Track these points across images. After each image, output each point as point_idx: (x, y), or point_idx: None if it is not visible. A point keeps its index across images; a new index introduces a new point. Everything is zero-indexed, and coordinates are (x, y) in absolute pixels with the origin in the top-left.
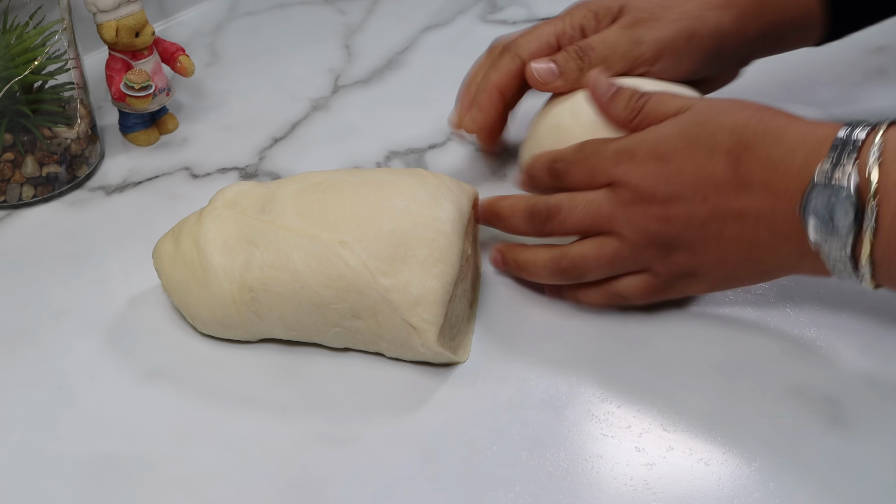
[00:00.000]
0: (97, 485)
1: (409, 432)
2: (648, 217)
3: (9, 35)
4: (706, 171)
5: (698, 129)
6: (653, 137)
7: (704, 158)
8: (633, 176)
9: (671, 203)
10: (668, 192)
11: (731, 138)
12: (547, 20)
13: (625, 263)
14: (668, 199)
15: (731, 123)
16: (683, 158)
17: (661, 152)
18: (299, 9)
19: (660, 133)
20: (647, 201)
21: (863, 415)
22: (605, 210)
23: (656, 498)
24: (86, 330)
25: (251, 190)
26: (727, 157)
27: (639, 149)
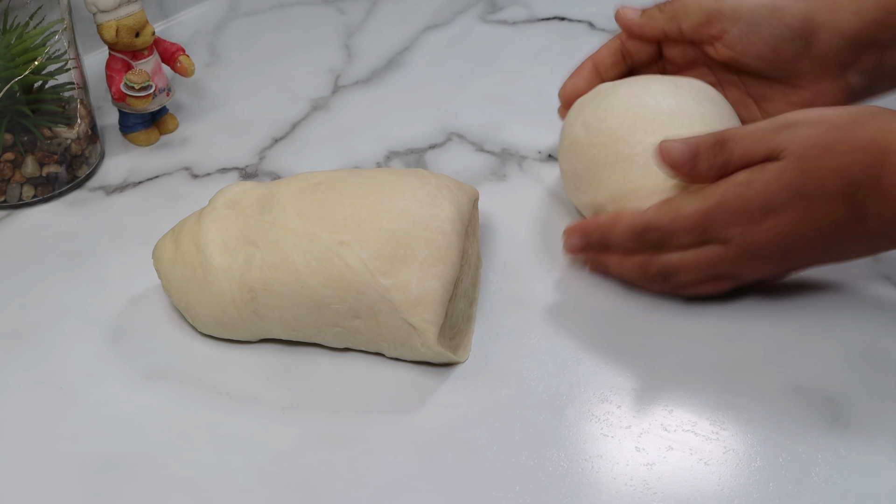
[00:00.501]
0: (97, 485)
1: (409, 432)
2: (769, 264)
3: (9, 35)
4: (825, 217)
5: (805, 178)
6: (759, 194)
7: (821, 206)
8: (754, 237)
9: (790, 252)
10: (789, 243)
11: (842, 181)
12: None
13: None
14: (788, 250)
15: (836, 167)
16: (800, 210)
17: (774, 207)
18: (299, 9)
19: (766, 189)
20: (768, 254)
21: (863, 415)
22: (724, 269)
23: (656, 498)
24: (86, 330)
25: (251, 190)
26: (842, 199)
27: (749, 208)
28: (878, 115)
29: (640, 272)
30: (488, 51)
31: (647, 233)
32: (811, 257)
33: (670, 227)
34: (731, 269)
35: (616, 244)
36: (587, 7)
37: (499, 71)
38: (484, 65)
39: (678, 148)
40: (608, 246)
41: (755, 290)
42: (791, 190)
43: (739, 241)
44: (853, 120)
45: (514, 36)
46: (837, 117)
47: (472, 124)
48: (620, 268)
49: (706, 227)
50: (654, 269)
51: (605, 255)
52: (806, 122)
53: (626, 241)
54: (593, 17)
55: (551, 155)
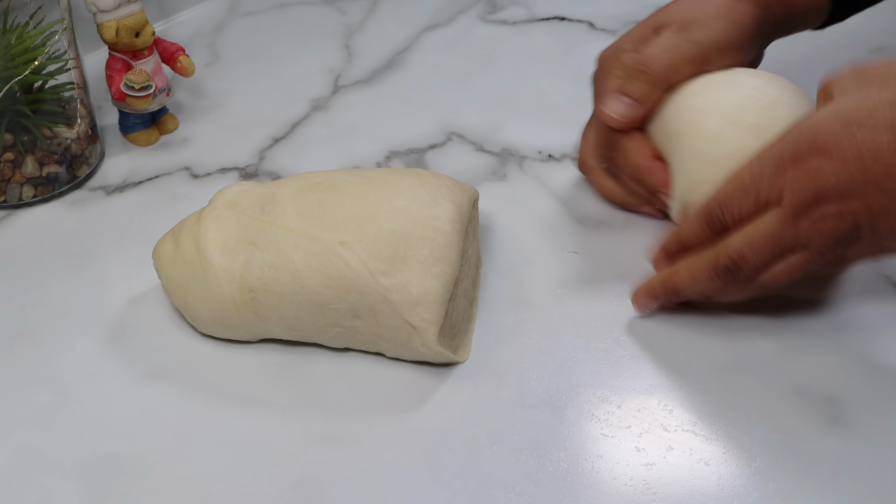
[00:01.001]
0: (97, 485)
1: (409, 432)
2: (829, 216)
3: (9, 35)
4: (870, 154)
5: (855, 107)
6: (807, 129)
7: (867, 139)
8: (801, 181)
9: (846, 197)
10: (840, 187)
11: (893, 113)
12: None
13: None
14: (841, 194)
15: (890, 97)
16: (845, 144)
17: (820, 143)
18: (299, 9)
19: (812, 122)
20: (822, 201)
21: (863, 415)
22: (786, 234)
23: (656, 498)
24: (86, 330)
25: (251, 190)
26: (890, 133)
27: (796, 147)
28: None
29: (713, 271)
30: (488, 51)
31: (711, 211)
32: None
33: (728, 193)
34: (793, 233)
35: (690, 239)
36: (587, 7)
37: (499, 71)
38: (484, 65)
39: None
40: (685, 246)
41: None
42: (838, 119)
43: (790, 190)
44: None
45: (514, 36)
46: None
47: (472, 124)
48: (692, 277)
49: (759, 182)
50: (724, 260)
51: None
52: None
53: (699, 231)
54: (593, 17)
55: (551, 155)
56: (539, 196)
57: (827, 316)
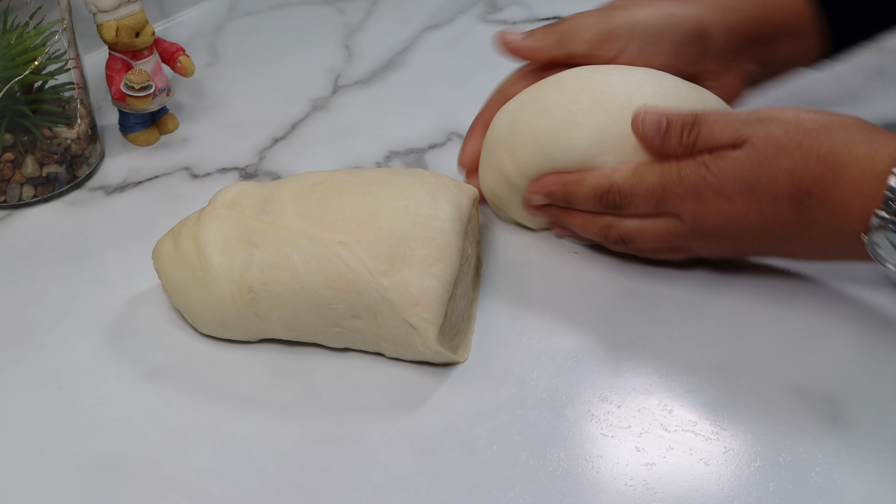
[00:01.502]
0: (97, 485)
1: (409, 432)
2: (722, 243)
3: (9, 35)
4: (771, 215)
5: (758, 173)
6: (714, 177)
7: (768, 203)
8: (704, 217)
9: (740, 239)
10: (737, 231)
11: (792, 185)
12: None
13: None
14: (737, 236)
15: (789, 168)
16: (748, 201)
17: (726, 193)
18: (299, 9)
19: (721, 173)
20: (718, 235)
21: (863, 415)
22: (677, 240)
23: (656, 498)
24: (86, 330)
25: (251, 190)
26: (790, 202)
27: (703, 189)
28: (849, 126)
29: (603, 234)
30: (488, 51)
31: (609, 194)
32: (762, 248)
33: (631, 191)
34: (685, 243)
35: (579, 203)
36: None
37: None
38: (484, 65)
39: (652, 119)
40: (571, 204)
41: (755, 290)
42: (742, 180)
43: (690, 217)
44: (821, 127)
45: None
46: (808, 121)
47: None
48: (584, 228)
49: (662, 199)
50: (615, 233)
51: (568, 216)
52: (776, 120)
53: (589, 202)
54: None
55: None
56: None
57: (827, 316)
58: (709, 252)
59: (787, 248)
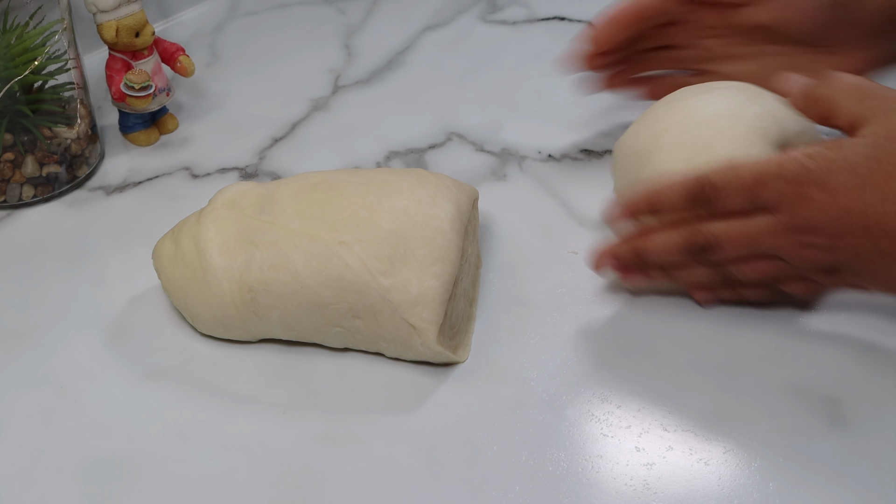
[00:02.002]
0: (97, 485)
1: (409, 432)
2: (815, 247)
3: (9, 35)
4: (877, 216)
5: (872, 167)
6: (820, 168)
7: (877, 203)
8: (800, 207)
9: (839, 238)
10: (837, 227)
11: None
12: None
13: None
14: (837, 234)
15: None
16: (854, 198)
17: (830, 184)
18: (299, 9)
19: (828, 165)
20: (814, 232)
21: (863, 415)
22: (769, 241)
23: (656, 498)
24: (86, 330)
25: (251, 190)
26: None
27: (804, 177)
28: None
29: (686, 244)
30: (488, 51)
31: (701, 190)
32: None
33: (725, 183)
34: (774, 244)
35: (666, 207)
36: (587, 7)
37: (499, 71)
38: (484, 65)
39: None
40: (657, 211)
41: None
42: (852, 173)
43: (787, 210)
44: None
45: (514, 36)
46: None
47: (472, 124)
48: (664, 244)
49: (759, 190)
50: (700, 239)
51: (646, 239)
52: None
53: (678, 202)
54: (593, 17)
55: (551, 155)
56: (539, 196)
57: (827, 316)
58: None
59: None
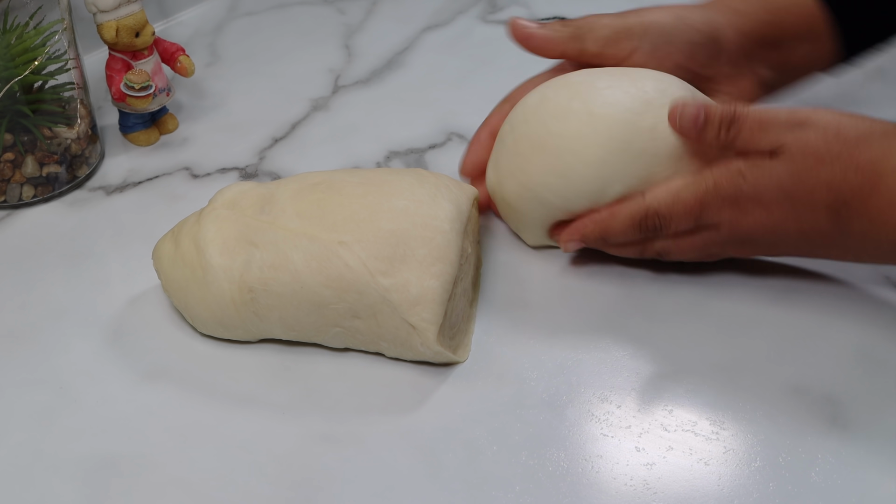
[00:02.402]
0: (97, 485)
1: (409, 432)
2: (756, 250)
3: (9, 35)
4: (808, 224)
5: (796, 183)
6: (751, 186)
7: (806, 213)
8: (742, 225)
9: (776, 245)
10: (773, 238)
11: (829, 195)
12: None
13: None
14: (773, 243)
15: (827, 180)
16: (785, 210)
17: (763, 202)
18: (299, 9)
19: (758, 182)
20: (754, 244)
21: (863, 415)
22: (714, 250)
23: (656, 498)
24: (86, 330)
25: (250, 190)
26: (827, 212)
27: (740, 197)
28: (889, 135)
29: (638, 253)
30: (488, 51)
31: (647, 219)
32: (797, 252)
33: (669, 211)
34: (721, 251)
35: (617, 237)
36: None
37: (499, 71)
38: (484, 65)
39: (691, 112)
40: (608, 240)
41: (755, 290)
42: (780, 190)
43: (728, 226)
44: (861, 136)
45: None
46: (849, 129)
47: (472, 124)
48: (620, 252)
49: (701, 212)
50: (651, 251)
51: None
52: (816, 126)
53: (627, 232)
54: None
55: None
56: None
57: (827, 316)
58: (742, 255)
59: (823, 253)
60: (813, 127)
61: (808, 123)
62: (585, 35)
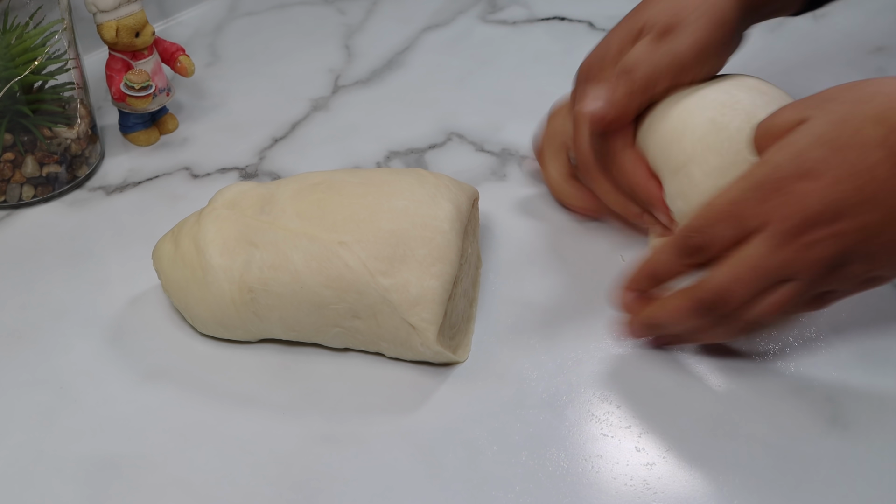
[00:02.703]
0: (97, 485)
1: (409, 432)
2: (818, 242)
3: (9, 35)
4: (866, 173)
5: (838, 128)
6: (787, 156)
7: (859, 158)
8: (788, 208)
9: (839, 219)
10: (832, 208)
11: (880, 128)
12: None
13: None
14: (834, 216)
15: (874, 113)
16: (834, 166)
17: (805, 168)
18: (299, 9)
19: (794, 148)
20: (812, 226)
21: (863, 415)
22: (772, 262)
23: (656, 498)
24: (86, 330)
25: (250, 190)
26: (882, 149)
27: (778, 175)
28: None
29: (695, 307)
30: (488, 51)
31: (687, 240)
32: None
33: (704, 223)
34: (779, 262)
35: (662, 271)
36: (587, 7)
37: (499, 71)
38: (484, 65)
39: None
40: (661, 283)
41: None
42: (822, 143)
43: (776, 216)
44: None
45: (514, 36)
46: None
47: (472, 124)
48: (671, 315)
49: (741, 211)
50: (705, 295)
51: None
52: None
53: (673, 262)
54: (593, 17)
55: None
56: (539, 196)
57: (827, 316)
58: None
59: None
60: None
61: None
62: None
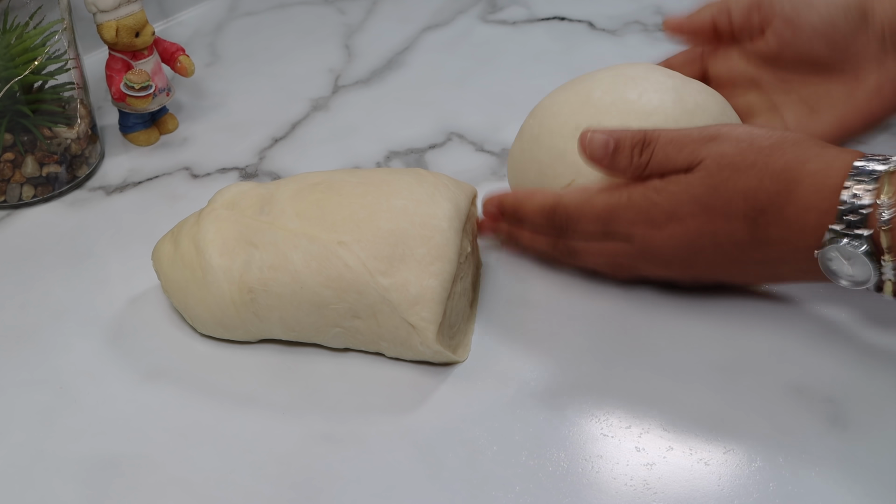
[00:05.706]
0: (97, 485)
1: (409, 432)
2: (669, 269)
3: (9, 35)
4: (725, 234)
5: (712, 195)
6: (666, 200)
7: (722, 223)
8: (654, 240)
9: (690, 262)
10: (687, 253)
11: (746, 204)
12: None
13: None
14: (687, 259)
15: (744, 189)
16: (701, 223)
17: (677, 216)
18: (299, 9)
19: (673, 197)
20: (667, 260)
21: (863, 415)
22: (625, 262)
23: (656, 498)
24: (86, 330)
25: (250, 190)
26: (744, 221)
27: (654, 212)
28: (801, 143)
29: (549, 249)
30: (488, 51)
31: (555, 213)
32: (713, 271)
33: (577, 212)
34: (632, 264)
35: (527, 219)
36: (587, 7)
37: (499, 71)
38: (484, 65)
39: (600, 139)
40: (520, 220)
41: (755, 291)
42: (696, 203)
43: (640, 241)
44: (775, 144)
45: (514, 36)
46: (761, 139)
47: (472, 124)
48: (532, 243)
49: (610, 221)
50: (561, 249)
51: (518, 230)
52: (728, 138)
53: (536, 218)
54: (593, 17)
55: None
56: None
57: (827, 316)
58: (657, 274)
59: (739, 270)
60: (727, 139)
61: (721, 136)
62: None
